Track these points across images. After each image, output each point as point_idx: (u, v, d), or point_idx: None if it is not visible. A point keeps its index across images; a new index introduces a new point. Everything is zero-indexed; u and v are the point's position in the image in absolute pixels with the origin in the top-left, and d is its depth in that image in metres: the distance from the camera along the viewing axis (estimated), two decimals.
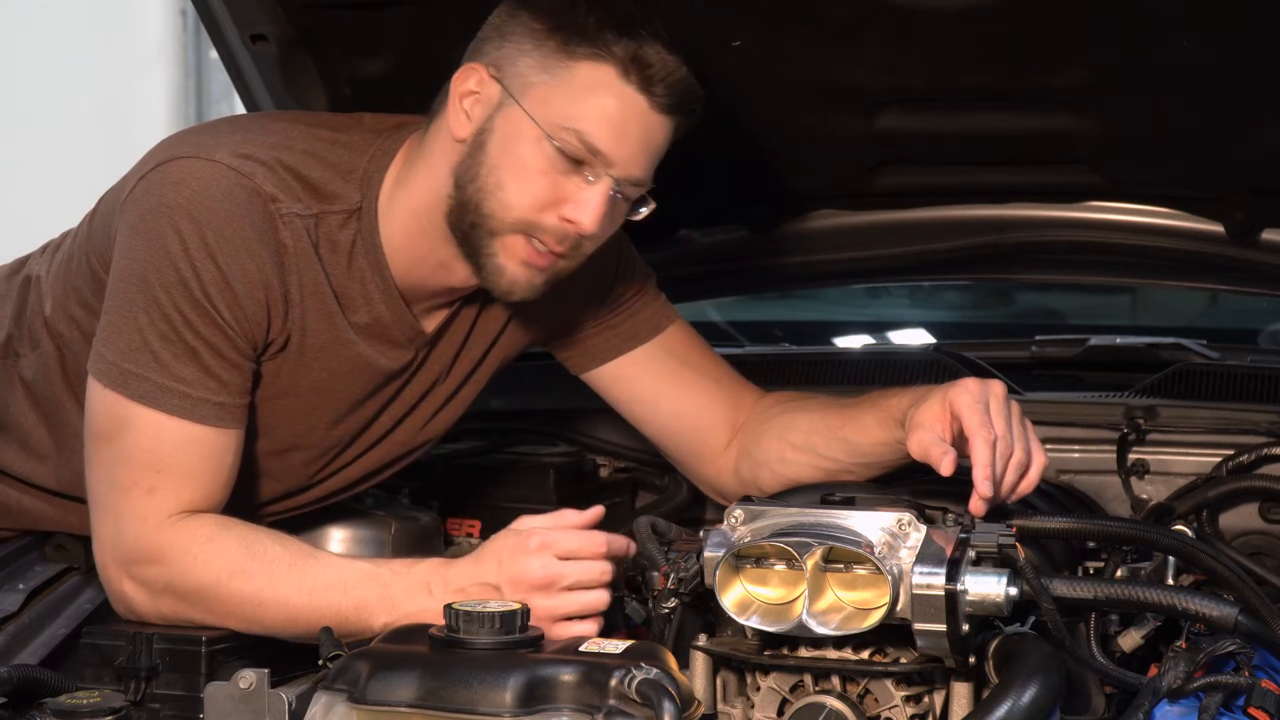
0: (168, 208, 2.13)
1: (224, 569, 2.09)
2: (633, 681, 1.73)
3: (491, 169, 2.15)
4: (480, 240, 2.18)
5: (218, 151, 2.17)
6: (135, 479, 2.11)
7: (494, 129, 2.16)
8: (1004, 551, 1.92)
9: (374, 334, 2.27)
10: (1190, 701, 1.82)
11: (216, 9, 2.67)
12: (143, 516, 2.11)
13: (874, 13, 2.50)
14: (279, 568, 2.10)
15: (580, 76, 2.14)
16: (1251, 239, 2.94)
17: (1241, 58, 2.51)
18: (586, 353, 2.50)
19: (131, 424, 2.11)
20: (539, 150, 2.14)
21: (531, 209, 2.15)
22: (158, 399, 2.11)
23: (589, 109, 2.13)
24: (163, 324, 2.11)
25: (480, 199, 2.16)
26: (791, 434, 2.43)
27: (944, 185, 3.02)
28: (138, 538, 2.11)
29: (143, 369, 2.11)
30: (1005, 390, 2.19)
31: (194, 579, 2.09)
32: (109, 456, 2.13)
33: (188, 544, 2.10)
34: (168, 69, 8.33)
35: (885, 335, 4.07)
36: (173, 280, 2.11)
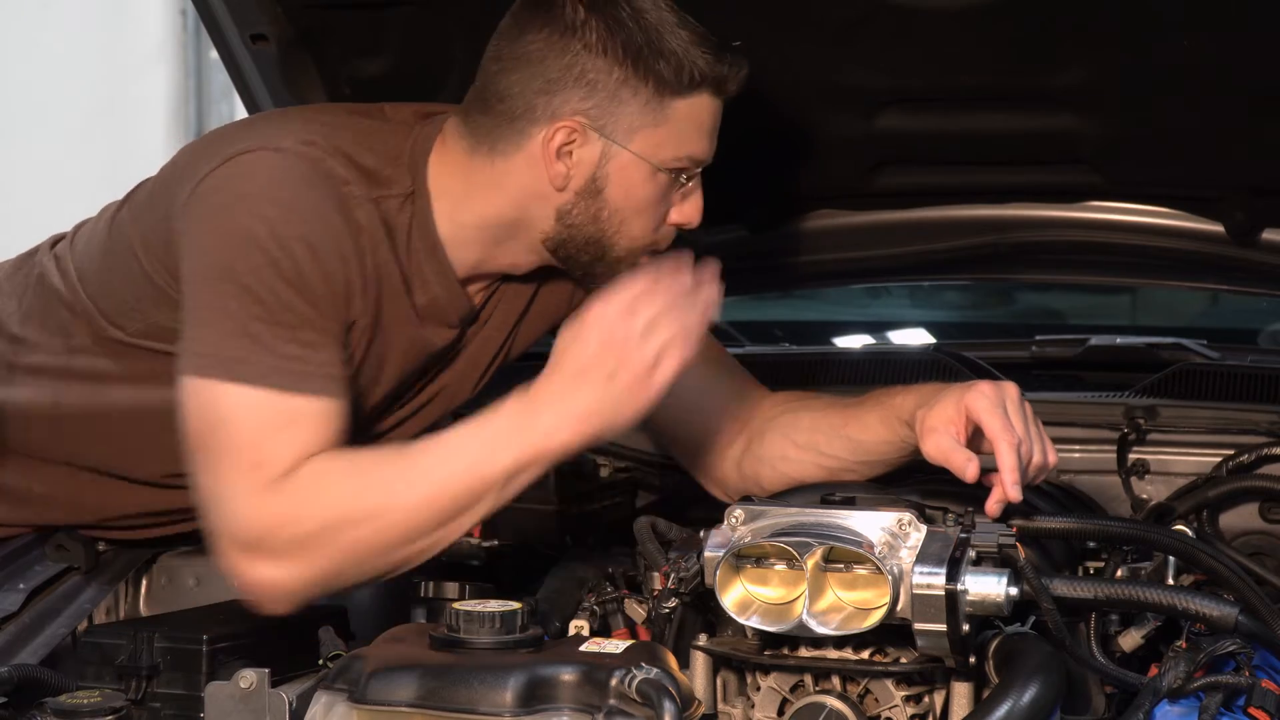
0: (246, 198, 2.13)
1: (341, 494, 2.05)
2: (633, 681, 1.73)
3: (614, 212, 2.24)
4: (605, 266, 2.27)
5: (283, 140, 2.18)
6: (242, 459, 2.06)
7: (608, 176, 2.22)
8: (1004, 551, 1.92)
9: (431, 314, 2.30)
10: (1190, 701, 1.82)
11: (216, 9, 2.67)
12: (254, 487, 2.04)
13: (874, 13, 2.50)
14: (390, 466, 2.07)
15: (682, 112, 2.22)
16: (1251, 239, 2.94)
17: (1241, 58, 2.51)
18: None
19: (238, 408, 2.07)
20: (656, 183, 2.24)
21: (653, 230, 2.28)
22: (265, 378, 2.07)
23: (694, 135, 2.24)
24: (257, 308, 2.09)
25: (606, 237, 2.25)
26: (794, 432, 2.44)
27: (944, 185, 3.02)
28: (255, 509, 2.04)
29: (246, 353, 2.08)
30: (1019, 392, 2.19)
31: (319, 519, 2.04)
32: (216, 449, 2.07)
33: (300, 487, 2.04)
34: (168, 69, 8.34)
35: (885, 335, 4.07)
36: (262, 264, 2.09)
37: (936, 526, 1.95)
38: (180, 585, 2.50)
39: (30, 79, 7.69)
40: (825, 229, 3.13)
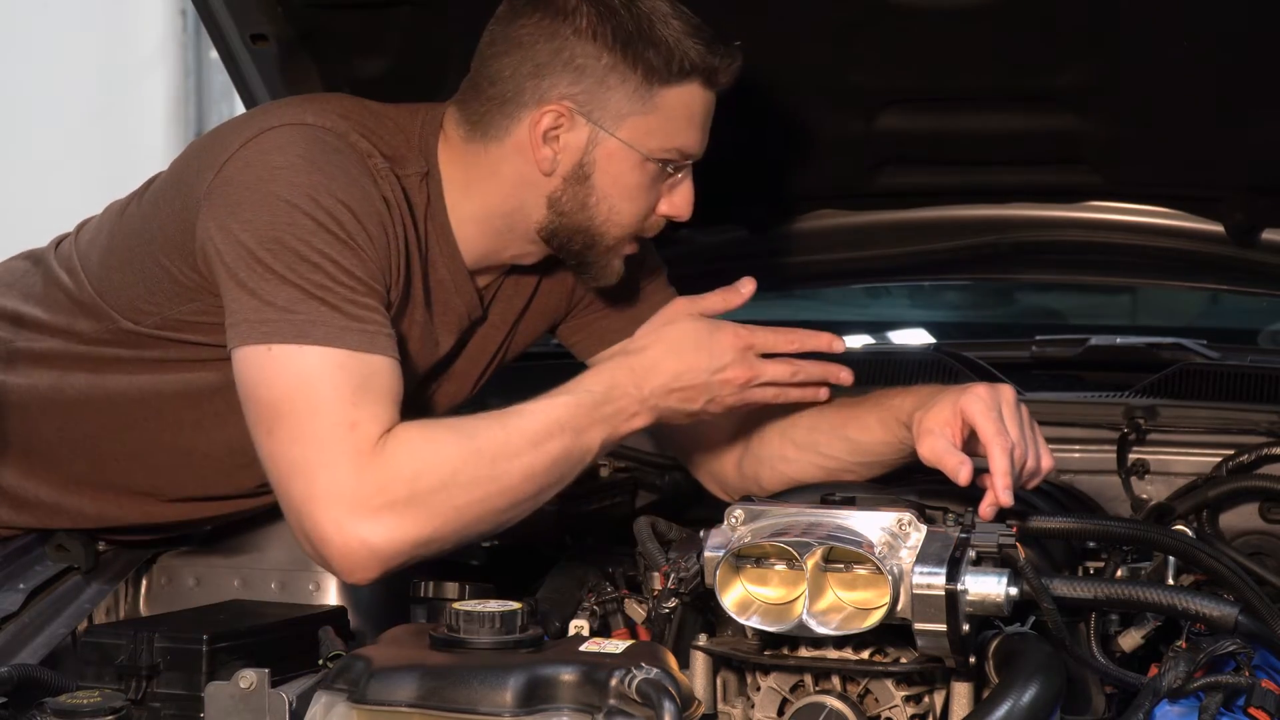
0: (279, 169, 2.12)
1: (451, 457, 2.05)
2: (633, 681, 1.73)
3: (602, 198, 2.25)
4: (597, 254, 2.30)
5: (305, 116, 2.19)
6: (335, 421, 2.03)
7: (595, 162, 2.24)
8: (1004, 551, 1.92)
9: (438, 300, 2.30)
10: (1190, 701, 1.82)
11: (216, 9, 2.67)
12: (356, 449, 2.02)
13: (874, 13, 2.50)
14: (495, 432, 2.09)
15: (670, 101, 2.23)
16: (1251, 239, 2.94)
17: (1241, 58, 2.51)
18: (594, 334, 2.51)
19: (317, 371, 2.05)
20: (644, 171, 2.25)
21: (641, 218, 2.30)
22: (340, 338, 2.06)
23: (683, 125, 2.25)
24: (314, 274, 2.08)
25: (594, 224, 2.27)
26: (794, 431, 2.44)
27: (944, 185, 3.02)
28: (359, 470, 2.02)
29: (316, 315, 2.06)
30: (1015, 395, 2.19)
31: (428, 480, 2.04)
32: (299, 414, 2.05)
33: (408, 450, 2.04)
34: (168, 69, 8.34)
35: (885, 335, 4.07)
36: (310, 229, 2.09)
37: (936, 526, 1.95)
38: (180, 585, 2.50)
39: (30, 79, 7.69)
40: (825, 229, 3.13)
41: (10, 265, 2.47)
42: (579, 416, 2.14)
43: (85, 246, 2.34)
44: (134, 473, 2.34)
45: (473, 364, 2.44)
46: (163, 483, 2.33)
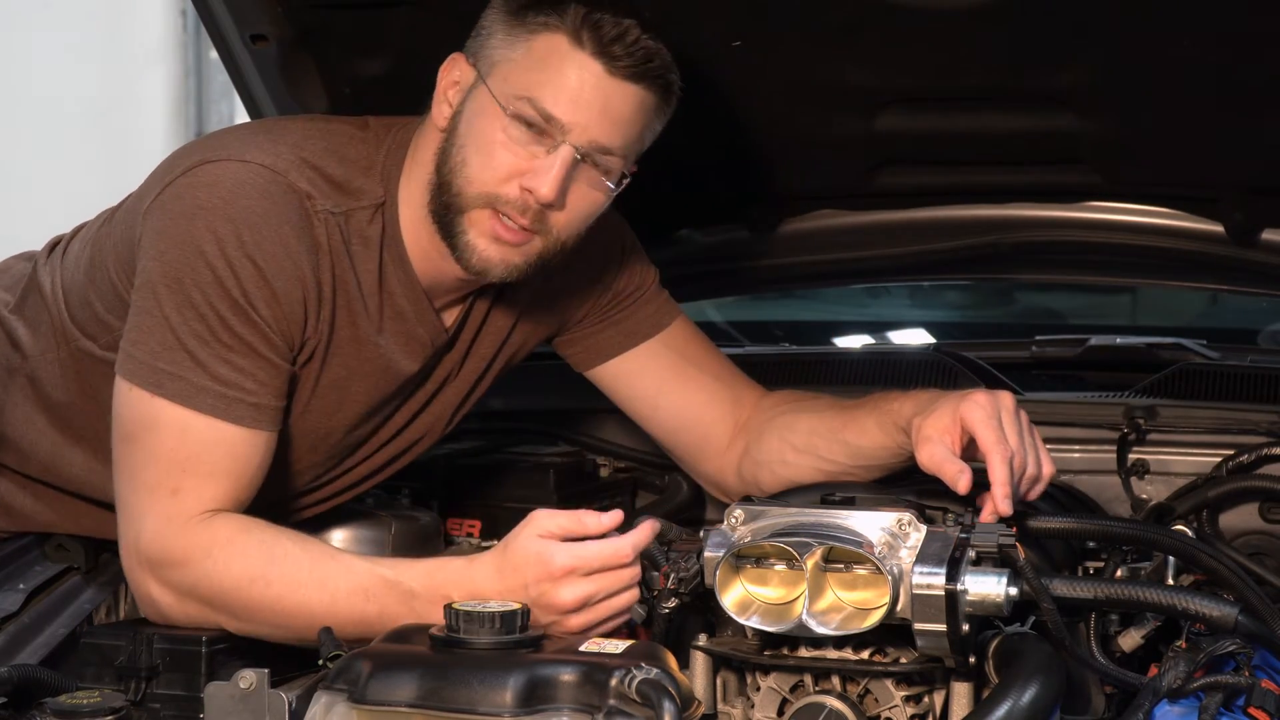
0: (203, 209, 2.12)
1: (244, 574, 2.07)
2: (633, 681, 1.73)
3: (459, 148, 2.19)
4: (452, 219, 2.20)
5: (248, 152, 2.17)
6: (160, 479, 2.09)
7: (464, 110, 2.20)
8: (1004, 551, 1.92)
9: (396, 331, 2.28)
10: (1190, 701, 1.82)
11: (216, 9, 2.67)
12: (167, 517, 2.08)
13: (874, 13, 2.49)
14: (300, 573, 2.07)
15: (537, 48, 2.16)
16: (1251, 239, 2.94)
17: (1241, 58, 2.51)
18: (590, 349, 2.50)
19: (161, 423, 2.10)
20: (498, 123, 2.16)
21: (493, 180, 2.16)
22: (191, 398, 2.09)
23: (544, 77, 2.15)
24: (198, 324, 2.10)
25: (450, 178, 2.19)
26: (793, 435, 2.43)
27: (944, 185, 3.02)
28: (162, 538, 2.08)
29: (177, 368, 2.09)
30: (1015, 401, 2.19)
31: (215, 583, 2.07)
32: (136, 457, 2.11)
33: (209, 547, 2.08)
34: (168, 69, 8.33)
35: (885, 335, 4.07)
36: (208, 280, 2.10)
37: (936, 526, 1.95)
38: None
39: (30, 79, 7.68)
40: (825, 229, 3.12)
41: (8, 265, 2.47)
42: (388, 598, 2.05)
43: (69, 260, 2.35)
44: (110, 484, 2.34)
45: (454, 389, 2.41)
46: None
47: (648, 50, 2.16)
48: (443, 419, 2.43)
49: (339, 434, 2.31)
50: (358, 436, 2.34)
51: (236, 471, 2.12)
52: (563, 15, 2.14)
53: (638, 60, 2.15)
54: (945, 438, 2.14)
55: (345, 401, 2.28)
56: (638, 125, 2.19)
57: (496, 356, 2.43)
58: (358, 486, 2.42)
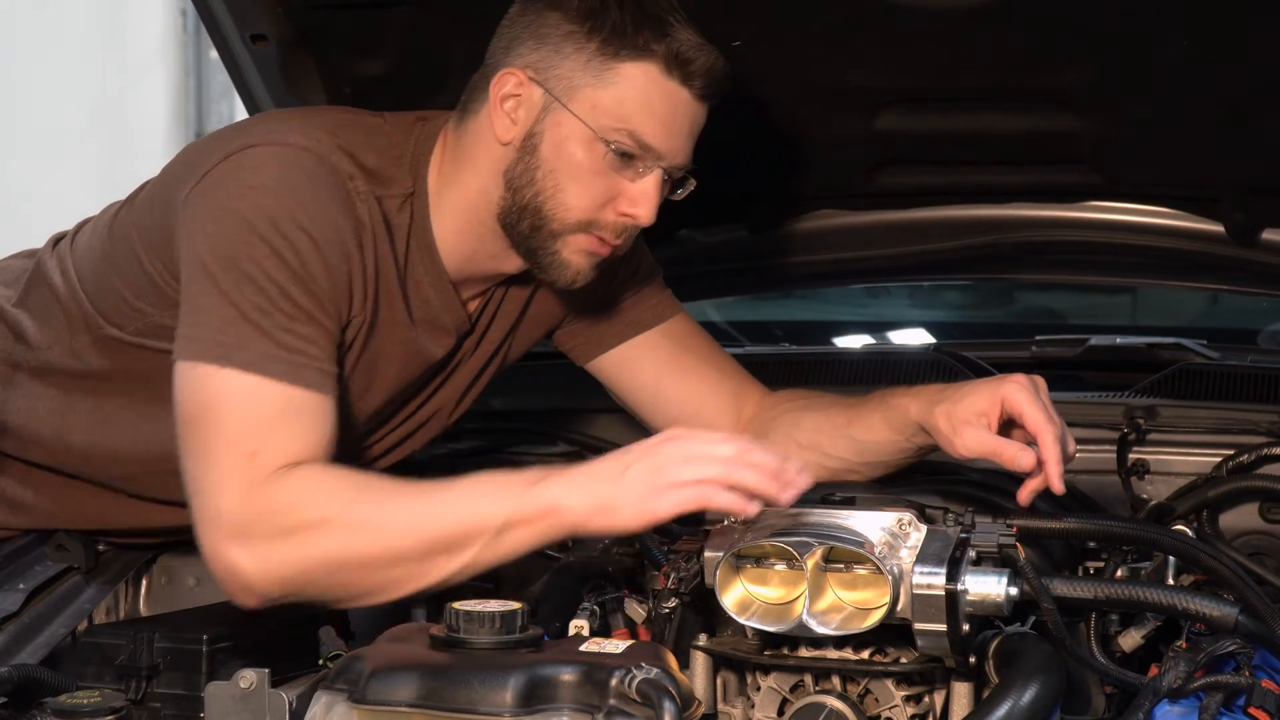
0: (251, 189, 2.12)
1: (338, 496, 2.02)
2: (633, 681, 1.73)
3: (548, 173, 2.20)
4: (542, 241, 2.23)
5: (289, 136, 2.18)
6: (236, 446, 2.04)
7: (544, 133, 2.20)
8: (1004, 551, 1.92)
9: (422, 319, 2.29)
10: (1190, 701, 1.82)
11: (216, 9, 2.67)
12: (248, 477, 2.02)
13: (874, 13, 2.50)
14: (391, 483, 2.04)
15: (625, 77, 2.18)
16: (1251, 239, 2.94)
17: (1241, 58, 2.51)
18: (592, 339, 2.51)
19: (232, 394, 2.05)
20: (594, 152, 2.19)
21: (591, 209, 2.21)
22: (261, 366, 2.06)
23: (638, 108, 2.18)
24: (258, 297, 2.08)
25: (540, 203, 2.21)
26: (798, 432, 2.44)
27: (944, 185, 3.02)
28: (245, 497, 2.02)
29: (242, 340, 2.06)
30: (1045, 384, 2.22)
31: (308, 514, 2.01)
32: (207, 433, 2.06)
33: (298, 484, 2.02)
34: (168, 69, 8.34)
35: (885, 335, 4.07)
36: (264, 254, 2.09)
37: (936, 526, 1.95)
38: (180, 585, 2.50)
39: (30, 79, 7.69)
40: (825, 229, 3.13)
41: (9, 264, 2.47)
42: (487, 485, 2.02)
43: (80, 250, 2.35)
44: (133, 485, 2.34)
45: (465, 375, 2.44)
46: (161, 491, 2.33)
47: (726, 75, 2.23)
48: (450, 402, 2.44)
49: (364, 416, 2.31)
50: (377, 420, 2.35)
51: (311, 436, 2.08)
52: (653, 45, 2.17)
53: (717, 83, 2.22)
54: (983, 420, 2.16)
55: (375, 383, 2.29)
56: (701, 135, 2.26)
57: (505, 341, 2.45)
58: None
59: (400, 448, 2.44)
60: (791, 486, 1.96)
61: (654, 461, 1.97)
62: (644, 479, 1.96)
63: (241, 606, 2.05)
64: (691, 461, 1.96)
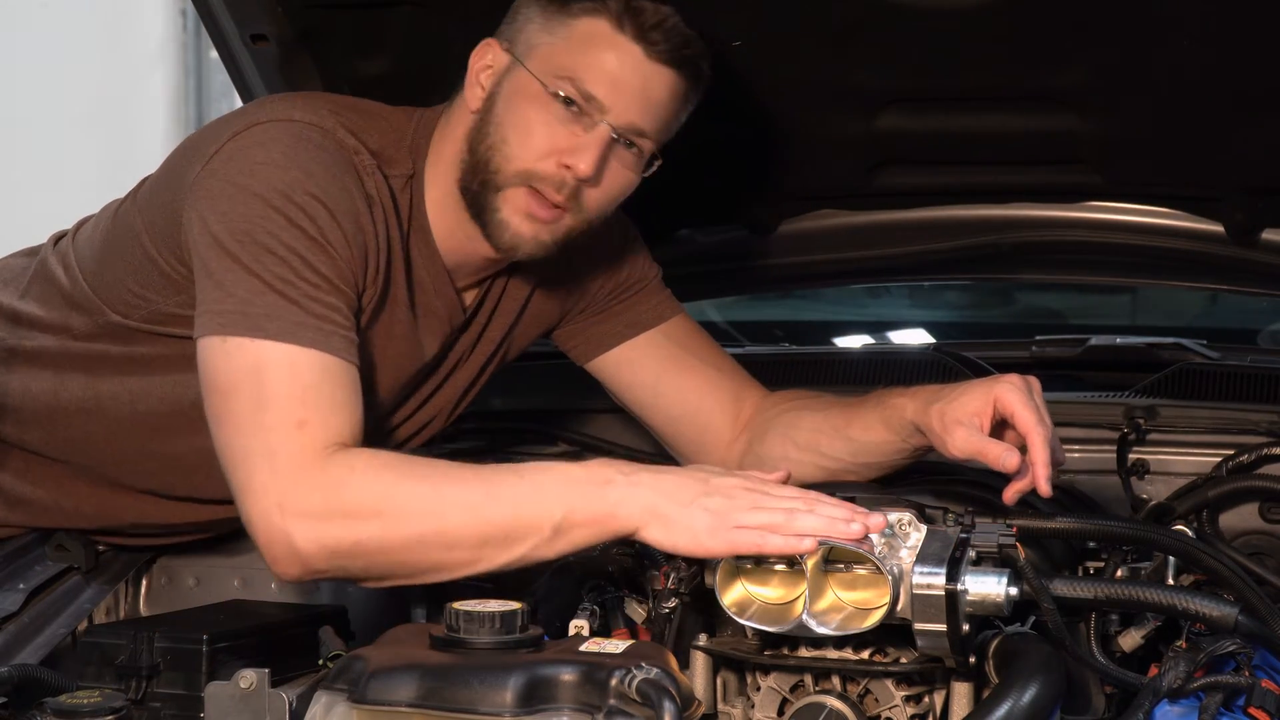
0: (261, 164, 2.12)
1: (394, 475, 2.00)
2: (633, 681, 1.73)
3: (497, 126, 2.22)
4: (486, 197, 2.23)
5: (294, 113, 2.19)
6: (281, 417, 2.01)
7: (501, 91, 2.23)
8: (1004, 551, 1.92)
9: (420, 304, 2.30)
10: (1190, 701, 1.82)
11: (216, 9, 2.67)
12: (300, 447, 2.00)
13: (874, 13, 2.50)
14: (448, 469, 2.03)
15: (578, 31, 2.20)
16: (1251, 239, 2.94)
17: (1242, 58, 2.51)
18: (592, 339, 2.52)
19: (268, 365, 2.04)
20: (539, 102, 2.20)
21: (532, 157, 2.20)
22: (294, 334, 2.05)
23: (585, 59, 2.20)
24: (280, 268, 2.07)
25: (487, 157, 2.22)
26: (796, 432, 2.44)
27: (944, 185, 3.02)
28: (298, 468, 2.00)
29: (272, 310, 2.05)
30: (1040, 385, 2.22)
31: (365, 491, 1.99)
32: (245, 406, 2.04)
33: (351, 464, 2.01)
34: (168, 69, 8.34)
35: (885, 335, 4.07)
36: (281, 225, 2.08)
37: (936, 526, 1.95)
38: (180, 585, 2.50)
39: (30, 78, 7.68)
40: (825, 229, 3.13)
41: (8, 262, 2.48)
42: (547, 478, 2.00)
43: (82, 242, 2.35)
44: (129, 474, 2.34)
45: (466, 376, 2.43)
46: (157, 484, 2.34)
47: (685, 36, 2.22)
48: (451, 401, 2.44)
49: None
50: (374, 416, 2.34)
51: (350, 404, 2.06)
52: (605, 1, 2.19)
53: (675, 45, 2.21)
54: (975, 421, 2.16)
55: (375, 369, 2.27)
56: (670, 109, 2.25)
57: (504, 341, 2.45)
58: None
59: (401, 449, 2.43)
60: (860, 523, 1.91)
61: (727, 501, 1.94)
62: (710, 516, 1.94)
63: (279, 576, 2.03)
64: (759, 510, 1.94)
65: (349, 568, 2.02)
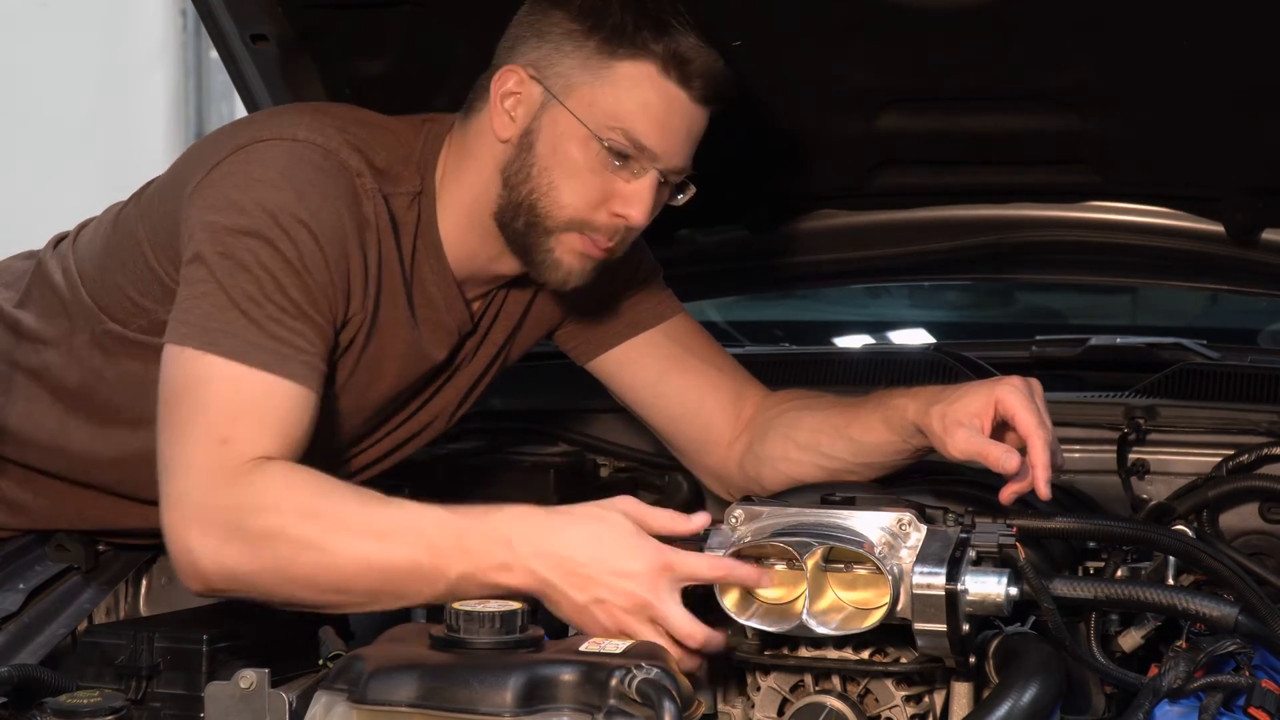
0: (257, 182, 2.12)
1: (294, 509, 1.98)
2: (633, 681, 1.73)
3: (543, 170, 2.20)
4: (535, 239, 2.23)
5: (298, 131, 2.18)
6: (209, 430, 2.02)
7: (540, 130, 2.21)
8: (1004, 551, 1.92)
9: (426, 318, 2.29)
10: (1190, 701, 1.82)
11: (216, 9, 2.67)
12: (217, 463, 2.00)
13: (874, 13, 2.50)
14: (350, 508, 1.99)
15: (622, 75, 2.19)
16: (1251, 239, 2.94)
17: (1242, 58, 2.51)
18: (593, 339, 2.52)
19: (212, 378, 2.04)
20: (588, 150, 2.19)
21: (585, 208, 2.21)
22: (245, 353, 2.05)
23: (633, 107, 2.18)
24: (251, 286, 2.07)
25: (534, 200, 2.21)
26: (796, 432, 2.44)
27: (944, 185, 3.02)
28: (210, 485, 2.00)
29: (230, 327, 2.05)
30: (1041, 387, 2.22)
31: (263, 521, 1.97)
32: (182, 413, 2.04)
33: (263, 485, 1.99)
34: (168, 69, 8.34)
35: (885, 335, 4.07)
36: (261, 245, 2.08)
37: (936, 526, 1.95)
38: (180, 585, 2.48)
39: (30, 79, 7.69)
40: (825, 229, 3.13)
41: (9, 265, 2.47)
42: (443, 537, 1.95)
43: (83, 247, 2.35)
44: (132, 483, 2.33)
45: (467, 376, 2.44)
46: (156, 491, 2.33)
47: (726, 77, 2.23)
48: (452, 404, 2.44)
49: (365, 416, 2.31)
50: (377, 419, 2.35)
51: (288, 428, 2.06)
52: (652, 44, 2.18)
53: (717, 86, 2.22)
54: (976, 422, 2.16)
55: (375, 383, 2.28)
56: (701, 138, 2.26)
57: (506, 344, 2.45)
58: (362, 473, 2.41)
59: (401, 449, 2.44)
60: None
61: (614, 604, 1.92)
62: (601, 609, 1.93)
63: (189, 590, 2.04)
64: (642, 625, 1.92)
65: (249, 591, 2.01)
